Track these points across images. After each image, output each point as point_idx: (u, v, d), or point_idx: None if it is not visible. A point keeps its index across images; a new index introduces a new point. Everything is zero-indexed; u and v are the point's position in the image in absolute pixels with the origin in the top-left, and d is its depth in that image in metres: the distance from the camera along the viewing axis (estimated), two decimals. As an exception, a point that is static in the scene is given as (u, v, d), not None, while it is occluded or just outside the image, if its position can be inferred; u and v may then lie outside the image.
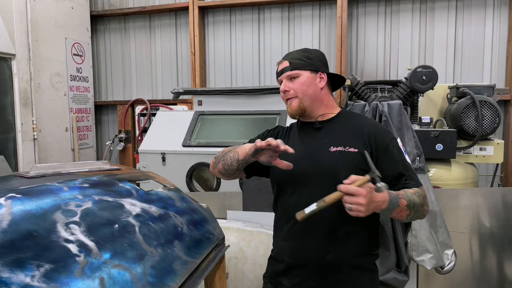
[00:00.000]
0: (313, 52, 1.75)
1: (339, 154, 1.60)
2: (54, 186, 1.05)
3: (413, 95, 3.42)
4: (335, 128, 1.69)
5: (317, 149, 1.65)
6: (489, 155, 3.38)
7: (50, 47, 4.69)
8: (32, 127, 4.37)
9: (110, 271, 0.87)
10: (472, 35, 4.65)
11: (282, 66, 1.73)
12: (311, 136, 1.71)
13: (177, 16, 5.60)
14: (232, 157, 1.69)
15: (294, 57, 1.71)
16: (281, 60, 1.76)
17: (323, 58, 1.78)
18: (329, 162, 1.60)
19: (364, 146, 1.61)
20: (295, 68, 1.68)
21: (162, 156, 3.31)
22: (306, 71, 1.68)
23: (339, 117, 1.73)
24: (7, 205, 0.88)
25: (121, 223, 1.03)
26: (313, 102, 1.69)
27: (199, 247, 1.21)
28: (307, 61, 1.70)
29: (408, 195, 1.48)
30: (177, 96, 3.97)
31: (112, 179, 1.24)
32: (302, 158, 1.63)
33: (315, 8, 5.08)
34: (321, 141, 1.66)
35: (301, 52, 1.75)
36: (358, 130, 1.66)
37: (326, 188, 1.48)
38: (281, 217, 1.70)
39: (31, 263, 0.77)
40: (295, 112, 1.70)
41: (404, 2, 4.81)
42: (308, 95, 1.68)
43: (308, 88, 1.68)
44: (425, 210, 1.57)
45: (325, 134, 1.68)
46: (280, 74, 1.74)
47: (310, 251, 1.60)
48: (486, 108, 3.25)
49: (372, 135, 1.63)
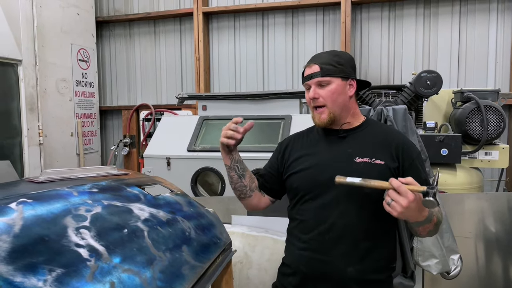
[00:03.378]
0: (344, 57, 1.65)
1: (364, 165, 1.54)
2: (64, 191, 1.06)
3: (417, 100, 3.42)
4: (360, 138, 1.62)
5: (342, 159, 1.58)
6: (494, 159, 3.37)
7: (56, 53, 4.73)
8: (38, 132, 4.40)
9: (120, 275, 0.88)
10: (476, 40, 4.66)
11: (311, 71, 1.61)
12: (335, 144, 1.64)
13: (181, 21, 5.63)
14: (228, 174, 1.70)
15: (325, 62, 1.60)
16: (310, 63, 1.64)
17: (353, 62, 1.69)
18: (353, 173, 1.48)
19: (391, 158, 1.55)
20: (327, 75, 1.58)
21: (167, 161, 3.32)
22: (337, 78, 1.58)
23: (364, 126, 1.66)
24: (19, 210, 0.89)
25: (130, 227, 1.04)
26: (342, 111, 1.62)
27: (206, 252, 1.21)
28: (339, 67, 1.59)
29: (437, 213, 1.46)
30: (182, 101, 3.99)
31: (120, 184, 1.26)
32: (326, 167, 1.58)
33: (318, 13, 5.10)
34: (346, 151, 1.59)
35: (332, 56, 1.63)
36: (385, 141, 1.60)
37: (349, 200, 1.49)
38: (299, 226, 1.63)
39: (43, 268, 0.78)
40: (325, 124, 1.62)
41: (408, 7, 4.82)
42: (338, 104, 1.59)
43: (339, 97, 1.59)
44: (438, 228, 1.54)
45: (350, 144, 1.61)
46: (308, 78, 1.62)
47: (330, 263, 1.53)
48: (491, 113, 3.25)
49: (400, 148, 1.57)
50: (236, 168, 1.70)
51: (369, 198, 1.50)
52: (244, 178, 1.73)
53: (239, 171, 1.71)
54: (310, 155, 1.66)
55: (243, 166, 1.74)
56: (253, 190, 1.75)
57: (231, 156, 1.70)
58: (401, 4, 4.83)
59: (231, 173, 1.71)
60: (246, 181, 1.73)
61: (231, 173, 1.71)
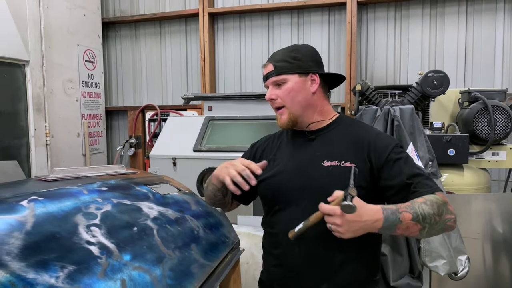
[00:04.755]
0: (302, 50, 1.50)
1: (333, 169, 1.40)
2: (74, 189, 1.07)
3: (424, 100, 3.41)
4: (329, 139, 1.48)
5: (308, 164, 1.44)
6: (501, 160, 3.35)
7: (63, 54, 4.76)
8: (44, 132, 4.43)
9: (131, 273, 0.88)
10: (483, 40, 4.63)
11: (267, 70, 1.50)
12: (302, 148, 1.50)
13: (187, 22, 5.65)
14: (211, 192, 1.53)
15: (280, 59, 1.48)
16: (266, 62, 1.52)
17: (315, 55, 1.53)
18: (322, 179, 1.40)
19: (362, 159, 1.40)
20: (281, 73, 1.45)
21: (173, 161, 3.33)
22: (293, 75, 1.45)
23: (334, 125, 1.52)
24: (30, 208, 0.90)
25: (140, 226, 1.04)
26: (305, 110, 1.48)
27: (215, 251, 1.21)
28: (294, 62, 1.46)
29: (415, 206, 1.26)
30: (188, 102, 3.99)
31: (129, 183, 1.26)
32: (292, 174, 1.45)
33: (324, 14, 5.09)
34: (314, 154, 1.45)
35: (288, 51, 1.50)
36: (356, 140, 1.45)
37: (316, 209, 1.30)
38: (270, 240, 1.51)
39: (55, 264, 0.79)
40: (286, 125, 1.49)
41: (414, 7, 4.80)
42: (297, 103, 1.46)
43: (297, 95, 1.45)
44: (447, 219, 1.31)
45: (318, 146, 1.48)
46: (264, 79, 1.52)
47: (303, 280, 1.41)
48: (498, 113, 3.23)
49: (371, 146, 1.42)
50: (224, 190, 1.54)
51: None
52: (227, 195, 1.59)
53: (226, 191, 1.55)
54: (276, 160, 1.53)
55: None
56: (229, 202, 1.63)
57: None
58: (407, 4, 4.81)
59: (217, 193, 1.54)
60: (227, 198, 1.59)
61: (217, 193, 1.54)
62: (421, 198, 1.29)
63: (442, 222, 1.28)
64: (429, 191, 1.32)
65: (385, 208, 1.23)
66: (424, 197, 1.29)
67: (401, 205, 1.25)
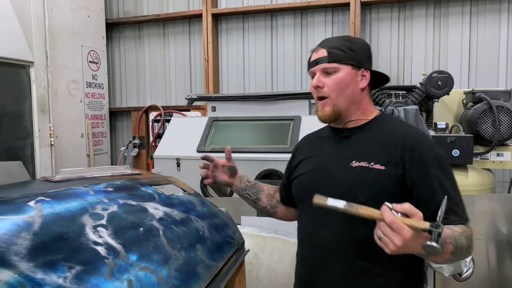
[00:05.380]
0: (357, 43, 1.40)
1: (361, 170, 1.29)
2: (81, 190, 1.07)
3: (428, 101, 3.40)
4: (363, 137, 1.37)
5: (336, 163, 1.36)
6: (506, 160, 3.34)
7: (67, 55, 4.78)
8: (49, 133, 4.45)
9: (137, 273, 0.89)
10: (487, 40, 4.61)
11: (317, 56, 1.38)
12: (335, 145, 1.41)
13: (190, 23, 5.66)
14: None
15: (334, 46, 1.36)
16: (317, 47, 1.41)
17: (368, 51, 1.43)
18: (346, 180, 1.30)
19: (394, 163, 1.26)
20: (335, 61, 1.34)
21: (177, 162, 3.34)
22: (347, 66, 1.34)
23: (372, 123, 1.39)
24: (38, 208, 0.91)
25: (146, 226, 1.05)
26: (350, 105, 1.37)
27: (220, 251, 1.22)
28: (350, 53, 1.35)
29: (456, 238, 1.14)
30: (191, 102, 4.00)
31: (135, 184, 1.27)
32: (318, 173, 1.39)
33: (328, 14, 5.09)
34: (345, 153, 1.36)
35: (343, 40, 1.38)
36: (391, 140, 1.30)
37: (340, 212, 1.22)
38: (299, 239, 1.46)
39: (62, 265, 0.79)
40: (328, 118, 1.39)
41: (418, 8, 4.79)
42: (344, 96, 1.35)
43: (347, 88, 1.35)
44: (469, 252, 1.21)
45: (350, 145, 1.37)
46: (313, 64, 1.39)
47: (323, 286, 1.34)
48: (503, 114, 3.22)
49: (407, 150, 1.26)
50: (248, 196, 1.57)
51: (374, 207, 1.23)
52: (260, 200, 1.60)
53: (252, 196, 1.58)
54: (311, 158, 1.48)
55: (255, 190, 1.61)
56: (275, 206, 1.62)
57: (236, 187, 1.58)
58: (411, 4, 4.81)
59: (245, 200, 1.61)
60: (264, 202, 1.60)
61: (245, 200, 1.61)
62: (458, 228, 1.18)
63: (467, 254, 1.20)
64: (461, 221, 1.22)
65: None
66: (461, 228, 1.19)
67: (447, 234, 1.12)
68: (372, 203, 1.15)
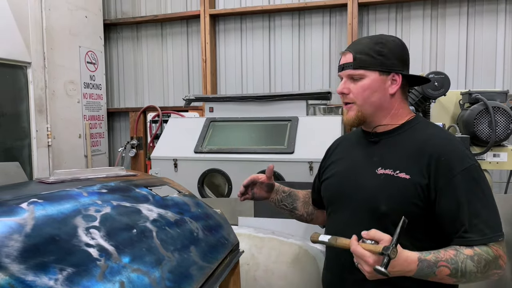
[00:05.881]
0: (389, 44, 1.31)
1: (386, 178, 1.25)
2: (74, 192, 1.07)
3: (425, 101, 3.41)
4: (391, 143, 1.32)
5: (362, 169, 1.33)
6: (502, 161, 3.34)
7: (65, 55, 4.78)
8: (46, 134, 4.44)
9: (130, 275, 0.89)
10: (484, 41, 4.63)
11: (345, 60, 1.34)
12: (363, 150, 1.38)
13: (188, 24, 5.66)
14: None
15: (362, 51, 1.31)
16: (346, 50, 1.37)
17: (402, 52, 1.34)
18: (371, 187, 1.28)
19: (420, 173, 1.22)
20: (360, 67, 1.30)
21: (174, 162, 3.34)
22: (373, 72, 1.29)
23: (403, 129, 1.33)
24: (30, 210, 0.91)
25: (139, 228, 1.05)
26: (377, 111, 1.33)
27: (214, 253, 1.22)
28: (378, 58, 1.29)
29: (458, 261, 1.11)
30: (189, 103, 4.01)
31: (129, 185, 1.27)
32: (344, 177, 1.38)
33: (325, 15, 5.10)
34: (371, 159, 1.32)
35: (373, 43, 1.32)
36: (419, 148, 1.25)
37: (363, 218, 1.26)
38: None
39: (54, 267, 0.79)
40: (352, 123, 1.35)
41: (415, 8, 4.80)
42: (370, 103, 1.31)
43: (373, 95, 1.30)
44: (491, 274, 1.16)
45: (377, 151, 1.33)
46: (340, 69, 1.36)
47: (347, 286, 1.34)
48: (499, 114, 3.23)
49: (434, 160, 1.21)
50: (284, 207, 1.60)
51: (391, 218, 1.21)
52: (297, 209, 1.61)
53: (288, 207, 1.60)
54: (340, 160, 1.46)
55: (291, 199, 1.61)
56: (312, 213, 1.64)
57: (272, 199, 1.61)
58: (408, 5, 4.82)
59: (281, 211, 1.63)
60: (300, 211, 1.62)
61: (281, 211, 1.63)
62: (470, 250, 1.14)
63: (484, 277, 1.15)
64: (482, 241, 1.15)
65: (422, 260, 1.11)
66: (474, 249, 1.14)
67: (443, 256, 1.12)
68: (394, 213, 1.19)
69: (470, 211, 1.16)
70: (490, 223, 1.17)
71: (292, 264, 2.21)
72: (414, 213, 1.15)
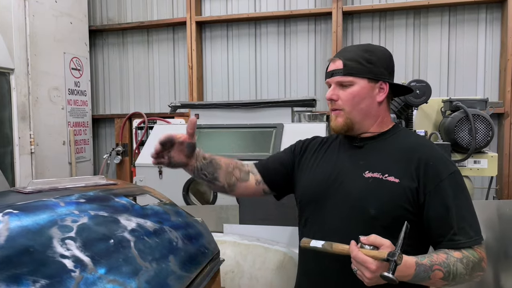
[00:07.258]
0: (377, 53, 1.34)
1: (373, 182, 1.26)
2: (51, 202, 1.06)
3: (407, 109, 3.46)
4: (377, 148, 1.34)
5: (349, 172, 1.32)
6: (483, 168, 3.40)
7: (49, 62, 4.73)
8: (29, 141, 4.39)
9: (105, 286, 0.88)
10: (465, 50, 4.73)
11: (333, 67, 1.34)
12: (347, 154, 1.37)
13: (174, 31, 5.67)
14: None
15: (351, 58, 1.32)
16: (335, 57, 1.37)
17: (389, 61, 1.37)
18: (358, 190, 1.27)
19: (409, 176, 1.24)
20: (350, 74, 1.30)
21: (159, 170, 3.32)
22: (363, 79, 1.31)
23: (387, 135, 1.36)
24: (5, 221, 0.90)
25: (117, 238, 1.04)
26: (365, 118, 1.34)
27: (194, 262, 1.22)
28: (367, 66, 1.30)
29: (449, 264, 1.14)
30: (175, 110, 4.00)
31: (108, 194, 1.26)
32: (325, 180, 1.35)
33: (310, 23, 5.16)
34: (357, 163, 1.32)
35: (362, 51, 1.33)
36: (406, 154, 1.28)
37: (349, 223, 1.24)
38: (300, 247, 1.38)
39: (27, 279, 0.78)
40: (340, 129, 1.36)
41: (398, 17, 4.89)
42: (358, 110, 1.32)
43: (361, 102, 1.32)
44: (475, 277, 1.20)
45: (363, 155, 1.34)
46: (329, 75, 1.36)
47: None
48: (479, 122, 3.29)
49: (423, 164, 1.24)
50: (203, 176, 1.43)
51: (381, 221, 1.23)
52: (218, 179, 1.45)
53: (208, 176, 1.43)
54: (320, 162, 1.43)
55: (212, 168, 1.44)
56: (234, 184, 1.48)
57: (191, 167, 1.41)
58: (391, 14, 4.90)
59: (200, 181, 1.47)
60: (222, 182, 1.46)
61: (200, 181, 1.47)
62: (458, 253, 1.17)
63: (470, 279, 1.18)
64: (468, 243, 1.19)
65: (419, 264, 1.11)
66: (462, 252, 1.17)
67: (436, 260, 1.14)
68: (384, 216, 1.21)
69: (457, 215, 1.20)
70: (474, 227, 1.21)
71: (277, 271, 2.21)
72: (403, 216, 1.16)
